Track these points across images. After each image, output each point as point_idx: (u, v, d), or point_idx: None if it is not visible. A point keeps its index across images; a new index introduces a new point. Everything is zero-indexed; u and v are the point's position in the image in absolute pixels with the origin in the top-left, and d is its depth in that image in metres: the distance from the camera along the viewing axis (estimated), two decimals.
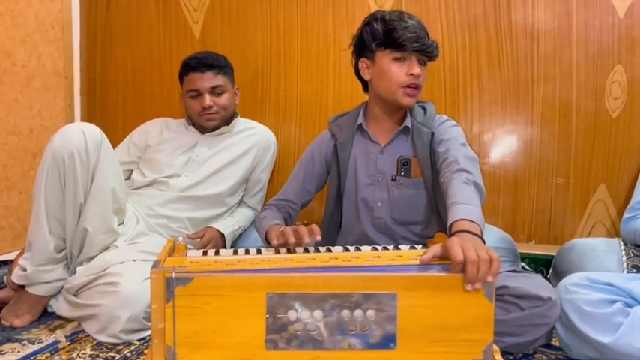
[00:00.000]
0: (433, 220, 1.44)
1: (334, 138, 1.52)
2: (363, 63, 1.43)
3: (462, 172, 1.24)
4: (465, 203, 1.13)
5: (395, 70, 1.36)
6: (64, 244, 1.46)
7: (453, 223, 1.08)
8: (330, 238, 1.55)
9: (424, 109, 1.47)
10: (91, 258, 1.46)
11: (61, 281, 1.45)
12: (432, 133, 1.41)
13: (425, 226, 1.44)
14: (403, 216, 1.44)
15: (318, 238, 1.14)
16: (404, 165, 1.43)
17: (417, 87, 1.37)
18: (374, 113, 1.47)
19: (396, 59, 1.36)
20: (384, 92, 1.40)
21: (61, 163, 1.38)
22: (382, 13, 1.40)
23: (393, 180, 1.43)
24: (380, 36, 1.36)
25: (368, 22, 1.41)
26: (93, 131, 1.43)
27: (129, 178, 1.77)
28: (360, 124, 1.47)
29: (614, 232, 1.77)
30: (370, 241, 1.44)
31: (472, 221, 1.07)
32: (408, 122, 1.43)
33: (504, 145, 1.86)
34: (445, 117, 1.46)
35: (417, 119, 1.43)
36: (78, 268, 1.45)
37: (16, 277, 1.43)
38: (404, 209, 1.44)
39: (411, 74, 1.34)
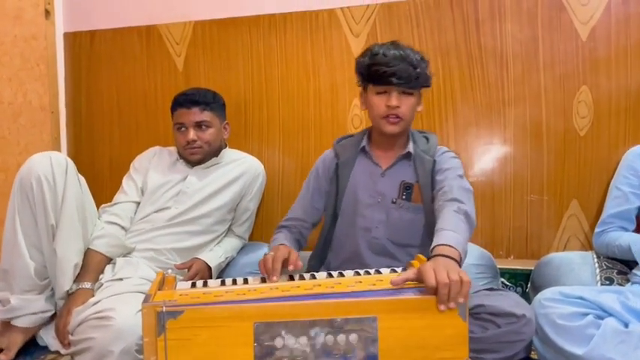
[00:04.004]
0: (429, 243, 1.48)
1: (337, 157, 1.57)
2: (361, 95, 1.52)
3: (454, 201, 1.31)
4: (449, 230, 1.19)
5: (376, 103, 1.43)
6: (46, 272, 1.48)
7: (433, 248, 1.15)
8: (322, 255, 1.59)
9: (427, 138, 1.54)
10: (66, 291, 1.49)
11: (47, 313, 1.48)
12: (434, 161, 1.47)
13: (421, 249, 1.48)
14: (400, 238, 1.48)
15: (291, 268, 1.21)
16: (406, 189, 1.48)
17: (397, 116, 1.42)
18: (375, 138, 1.54)
19: (378, 93, 1.43)
20: (372, 121, 1.49)
21: (29, 189, 1.43)
22: (373, 47, 1.46)
23: (394, 202, 1.48)
24: (364, 71, 1.44)
25: (359, 56, 1.48)
26: (59, 157, 1.48)
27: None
28: (364, 146, 1.53)
29: (587, 245, 1.84)
30: (361, 260, 1.49)
31: (451, 246, 1.13)
32: (410, 148, 1.49)
33: (480, 165, 1.94)
34: (446, 148, 1.53)
35: (420, 147, 1.50)
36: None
37: (1, 313, 1.46)
38: (402, 232, 1.48)
39: (388, 106, 1.41)
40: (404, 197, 1.48)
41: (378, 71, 1.39)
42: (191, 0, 2.17)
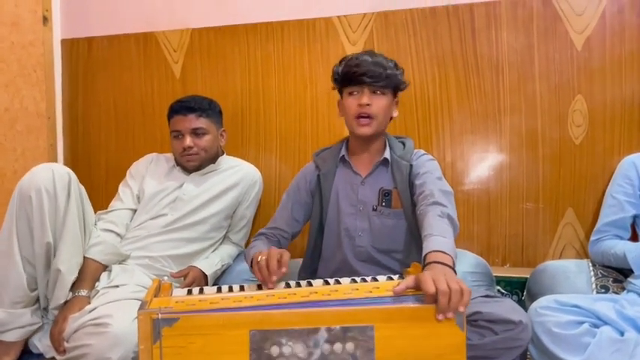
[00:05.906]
0: (413, 248, 1.49)
1: (318, 169, 1.59)
2: (339, 103, 1.55)
3: (436, 205, 1.31)
4: (438, 235, 1.20)
5: (348, 103, 1.47)
6: (35, 284, 1.47)
7: (426, 255, 1.15)
8: (312, 266, 1.61)
9: (403, 144, 1.56)
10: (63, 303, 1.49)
11: (34, 326, 1.47)
12: (411, 166, 1.49)
13: (406, 254, 1.50)
14: (384, 245, 1.50)
15: (284, 270, 1.19)
16: (385, 195, 1.49)
17: (368, 116, 1.45)
18: (353, 146, 1.56)
19: (350, 93, 1.47)
20: (347, 125, 1.51)
21: (27, 201, 1.41)
22: (347, 56, 1.51)
23: (374, 210, 1.50)
24: (339, 76, 1.50)
25: (335, 66, 1.53)
26: (61, 170, 1.47)
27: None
28: (343, 155, 1.55)
29: (583, 253, 1.84)
30: (350, 269, 1.49)
31: (444, 252, 1.13)
32: (387, 154, 1.51)
33: (476, 173, 1.94)
34: (422, 151, 1.55)
35: (397, 153, 1.51)
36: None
37: None
38: (385, 238, 1.50)
39: (359, 105, 1.44)
40: (384, 204, 1.49)
41: (350, 72, 1.44)
42: (189, 7, 2.18)
